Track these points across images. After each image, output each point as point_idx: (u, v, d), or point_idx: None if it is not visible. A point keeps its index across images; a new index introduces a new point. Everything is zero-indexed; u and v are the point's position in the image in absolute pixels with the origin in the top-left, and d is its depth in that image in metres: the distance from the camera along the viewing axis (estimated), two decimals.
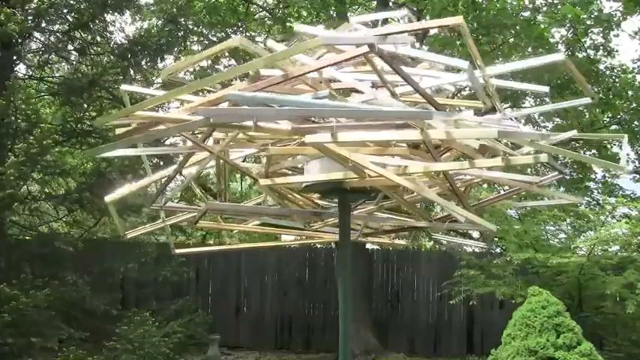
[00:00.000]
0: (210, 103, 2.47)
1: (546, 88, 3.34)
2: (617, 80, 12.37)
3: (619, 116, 12.79)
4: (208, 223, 4.12)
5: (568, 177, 12.01)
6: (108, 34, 10.79)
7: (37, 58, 10.48)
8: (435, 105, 2.56)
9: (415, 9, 11.08)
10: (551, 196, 4.10)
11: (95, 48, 10.61)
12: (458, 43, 11.91)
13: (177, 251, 4.12)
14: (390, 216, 3.55)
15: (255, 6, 13.43)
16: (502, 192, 3.86)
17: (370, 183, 2.81)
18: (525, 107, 11.73)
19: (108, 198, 3.36)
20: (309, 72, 2.53)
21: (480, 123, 2.74)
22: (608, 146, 13.12)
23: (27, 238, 9.75)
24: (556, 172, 3.26)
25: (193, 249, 6.82)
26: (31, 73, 10.88)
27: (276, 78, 2.49)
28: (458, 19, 2.54)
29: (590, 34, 12.18)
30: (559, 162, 12.68)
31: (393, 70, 2.52)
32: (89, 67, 10.66)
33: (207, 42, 12.66)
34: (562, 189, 12.84)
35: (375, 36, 2.46)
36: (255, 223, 3.88)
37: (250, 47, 2.71)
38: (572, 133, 3.02)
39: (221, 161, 3.18)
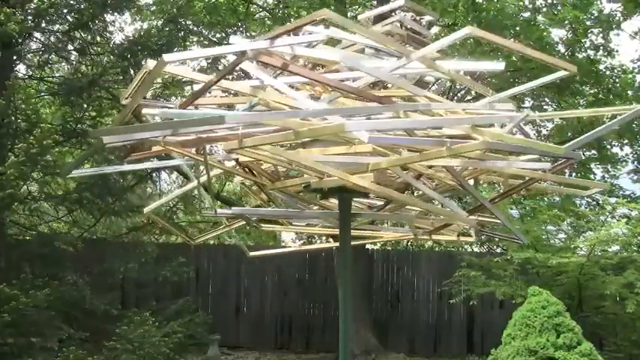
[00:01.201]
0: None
1: (501, 65, 3.26)
2: (617, 81, 12.37)
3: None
4: (271, 226, 4.16)
5: (580, 159, 11.71)
6: (108, 34, 10.78)
7: (37, 58, 10.47)
8: (372, 98, 2.61)
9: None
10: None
11: (95, 48, 10.60)
12: (458, 43, 11.90)
13: (252, 254, 4.22)
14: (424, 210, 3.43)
15: (255, 6, 13.44)
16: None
17: (330, 183, 2.84)
18: (525, 107, 11.71)
19: (147, 210, 3.45)
20: (209, 87, 2.60)
21: (464, 110, 2.74)
22: (608, 146, 13.13)
23: (27, 238, 9.74)
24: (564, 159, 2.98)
25: (267, 251, 6.95)
26: (31, 73, 10.86)
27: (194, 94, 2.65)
28: (323, 12, 2.55)
29: (589, 35, 12.19)
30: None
31: (285, 71, 2.62)
32: (89, 67, 10.65)
33: (207, 42, 12.67)
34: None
35: (260, 41, 2.55)
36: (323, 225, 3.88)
37: (158, 69, 2.80)
38: (527, 112, 2.90)
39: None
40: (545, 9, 12.13)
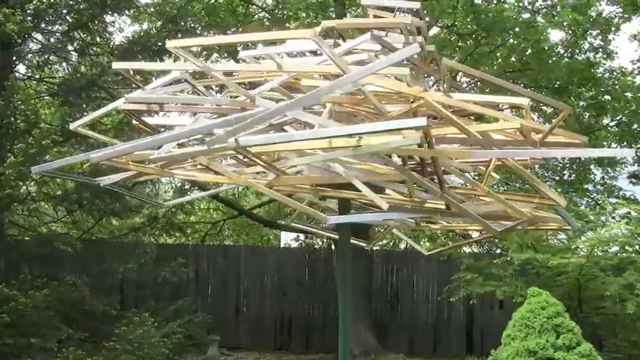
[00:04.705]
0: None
1: (417, 4, 3.26)
2: (616, 83, 12.37)
3: (618, 118, 12.81)
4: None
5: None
6: (107, 35, 10.77)
7: (37, 58, 10.46)
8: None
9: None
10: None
11: (95, 48, 10.59)
12: (456, 43, 11.92)
13: (428, 253, 4.27)
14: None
15: (255, 7, 13.43)
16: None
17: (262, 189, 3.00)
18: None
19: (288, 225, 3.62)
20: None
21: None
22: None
23: (26, 238, 9.73)
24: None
25: (443, 248, 7.22)
26: (30, 73, 10.85)
27: None
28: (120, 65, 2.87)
29: (588, 37, 12.18)
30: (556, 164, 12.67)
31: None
32: (88, 68, 10.64)
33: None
34: (560, 191, 12.85)
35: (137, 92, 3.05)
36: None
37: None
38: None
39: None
40: (544, 10, 12.12)
